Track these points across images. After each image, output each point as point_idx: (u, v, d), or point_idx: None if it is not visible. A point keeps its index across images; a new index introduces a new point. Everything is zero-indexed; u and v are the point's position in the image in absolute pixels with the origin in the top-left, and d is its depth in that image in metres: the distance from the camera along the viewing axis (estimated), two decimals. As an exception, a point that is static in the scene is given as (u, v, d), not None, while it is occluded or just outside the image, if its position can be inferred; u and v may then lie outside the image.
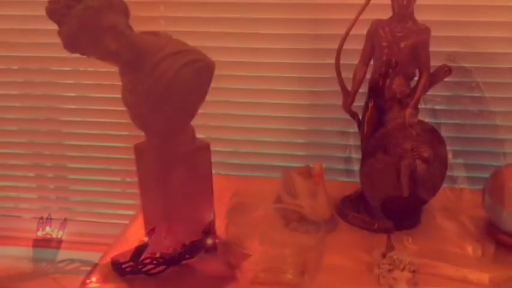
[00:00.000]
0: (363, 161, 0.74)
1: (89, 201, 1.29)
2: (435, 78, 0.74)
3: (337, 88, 0.79)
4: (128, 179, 1.23)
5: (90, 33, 0.50)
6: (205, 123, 1.10)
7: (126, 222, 0.83)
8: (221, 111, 1.09)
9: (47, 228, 1.17)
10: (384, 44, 0.71)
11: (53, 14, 0.50)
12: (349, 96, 0.77)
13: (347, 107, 0.78)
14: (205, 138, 1.01)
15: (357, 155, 0.84)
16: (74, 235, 1.27)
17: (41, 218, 1.19)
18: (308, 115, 1.07)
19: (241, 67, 1.04)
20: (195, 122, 0.86)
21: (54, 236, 1.18)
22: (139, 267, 0.60)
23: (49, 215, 1.21)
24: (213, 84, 0.97)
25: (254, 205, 0.62)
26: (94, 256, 0.72)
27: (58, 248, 1.15)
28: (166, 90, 0.53)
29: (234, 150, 1.15)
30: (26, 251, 1.11)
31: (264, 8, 0.98)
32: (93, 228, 1.30)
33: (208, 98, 0.97)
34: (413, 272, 0.58)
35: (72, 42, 0.51)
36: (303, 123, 1.09)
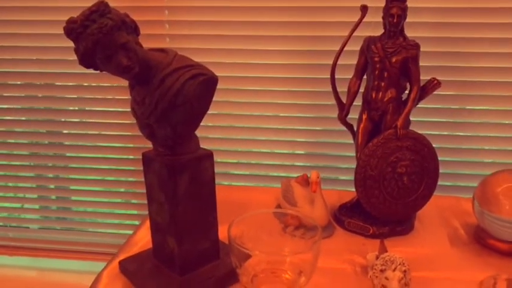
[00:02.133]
0: (358, 169, 0.77)
1: (91, 211, 1.32)
2: (425, 91, 0.78)
3: (334, 101, 0.84)
4: (131, 190, 1.26)
5: (104, 50, 0.54)
6: (210, 135, 1.14)
7: (130, 232, 0.86)
8: (226, 124, 1.14)
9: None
10: (376, 59, 0.76)
11: (70, 32, 0.54)
12: (344, 109, 0.81)
13: (342, 119, 0.82)
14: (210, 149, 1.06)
15: (353, 165, 0.87)
16: (77, 244, 1.30)
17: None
18: (307, 127, 1.11)
19: (244, 82, 1.09)
20: (201, 134, 0.90)
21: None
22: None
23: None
24: (218, 98, 1.03)
25: (255, 211, 0.65)
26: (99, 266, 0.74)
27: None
28: (172, 102, 0.57)
29: (237, 162, 1.19)
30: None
31: (264, 26, 1.04)
32: (96, 238, 1.32)
33: (213, 111, 1.02)
34: (405, 272, 0.60)
35: (87, 59, 0.55)
36: (302, 135, 1.13)
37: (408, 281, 0.62)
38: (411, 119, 0.79)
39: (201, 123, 1.12)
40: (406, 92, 0.78)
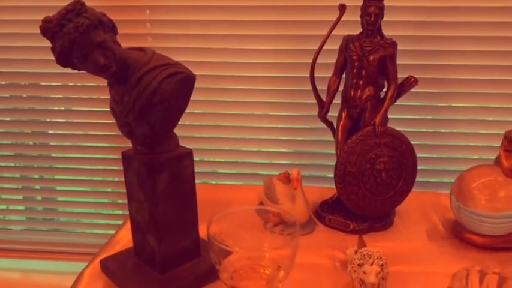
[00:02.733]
0: (337, 166, 0.78)
1: (78, 212, 1.32)
2: (403, 88, 0.79)
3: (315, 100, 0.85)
4: (117, 190, 1.26)
5: (81, 49, 0.54)
6: (197, 134, 1.15)
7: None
8: (211, 124, 1.14)
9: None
10: (354, 57, 0.77)
11: (46, 31, 0.54)
12: (324, 107, 0.82)
13: (322, 116, 0.83)
14: (193, 148, 1.06)
15: (334, 162, 0.88)
16: (63, 245, 1.29)
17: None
18: (288, 125, 1.12)
19: (224, 81, 1.10)
20: (184, 133, 0.90)
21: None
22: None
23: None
24: (201, 97, 1.02)
25: (235, 208, 0.66)
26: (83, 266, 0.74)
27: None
28: (150, 101, 0.58)
29: (221, 161, 1.20)
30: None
31: (245, 26, 1.05)
32: (82, 239, 1.32)
33: (196, 110, 1.01)
34: (382, 266, 0.61)
35: (63, 58, 0.56)
36: (285, 133, 1.14)
37: (385, 275, 0.63)
38: (389, 116, 0.80)
39: (188, 123, 1.13)
40: (384, 90, 0.80)
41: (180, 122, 1.15)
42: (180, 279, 0.65)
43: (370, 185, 0.78)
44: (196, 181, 1.17)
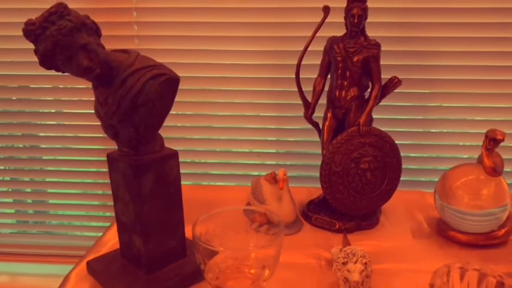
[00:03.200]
0: (323, 165, 0.79)
1: (69, 214, 1.32)
2: (386, 89, 0.80)
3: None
4: (108, 192, 1.26)
5: (64, 51, 0.55)
6: (188, 135, 1.16)
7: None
8: (200, 125, 1.15)
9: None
10: (339, 58, 0.78)
11: (28, 34, 0.54)
12: (309, 108, 0.83)
13: (308, 117, 0.84)
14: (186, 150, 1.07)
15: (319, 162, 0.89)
16: (53, 248, 1.29)
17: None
18: (276, 126, 1.13)
19: (211, 82, 1.11)
20: (174, 135, 0.90)
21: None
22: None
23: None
24: (191, 99, 1.02)
25: (221, 208, 0.67)
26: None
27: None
28: (134, 102, 0.58)
29: (214, 162, 1.20)
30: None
31: (231, 27, 1.06)
32: (72, 241, 1.32)
33: (182, 111, 1.01)
34: (366, 264, 0.62)
35: (47, 60, 0.56)
36: (274, 134, 1.15)
37: (369, 273, 0.63)
38: (374, 116, 0.81)
39: (180, 124, 1.12)
40: (369, 90, 0.81)
41: (171, 124, 1.16)
42: (166, 280, 0.65)
43: (355, 184, 0.78)
44: (189, 182, 1.18)
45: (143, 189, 0.63)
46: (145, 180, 0.63)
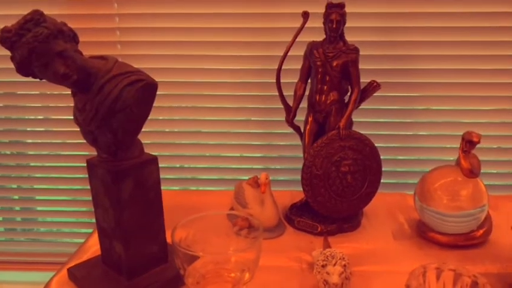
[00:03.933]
0: (304, 169, 0.80)
1: (57, 221, 1.31)
2: (366, 93, 0.81)
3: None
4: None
5: (40, 58, 0.55)
6: (177, 140, 1.16)
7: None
8: (190, 130, 1.15)
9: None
10: (318, 63, 0.79)
11: (4, 41, 0.55)
12: (291, 112, 0.84)
13: (290, 121, 0.85)
14: (169, 155, 1.07)
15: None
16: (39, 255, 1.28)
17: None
18: (259, 130, 1.14)
19: (194, 87, 1.11)
20: (157, 140, 0.89)
21: None
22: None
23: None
24: (173, 104, 1.02)
25: (201, 213, 0.67)
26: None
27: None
28: (111, 108, 0.58)
29: (202, 167, 1.20)
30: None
31: (214, 32, 1.06)
32: (60, 248, 1.31)
33: (167, 116, 1.01)
34: (345, 266, 0.63)
35: (23, 67, 0.56)
36: (256, 138, 1.15)
37: (349, 275, 0.64)
38: (354, 119, 0.82)
39: (168, 129, 1.12)
40: (349, 94, 0.81)
41: (159, 129, 1.16)
42: (147, 286, 0.65)
43: (336, 187, 0.79)
44: (177, 187, 1.18)
45: (122, 195, 0.63)
46: (125, 186, 0.63)
